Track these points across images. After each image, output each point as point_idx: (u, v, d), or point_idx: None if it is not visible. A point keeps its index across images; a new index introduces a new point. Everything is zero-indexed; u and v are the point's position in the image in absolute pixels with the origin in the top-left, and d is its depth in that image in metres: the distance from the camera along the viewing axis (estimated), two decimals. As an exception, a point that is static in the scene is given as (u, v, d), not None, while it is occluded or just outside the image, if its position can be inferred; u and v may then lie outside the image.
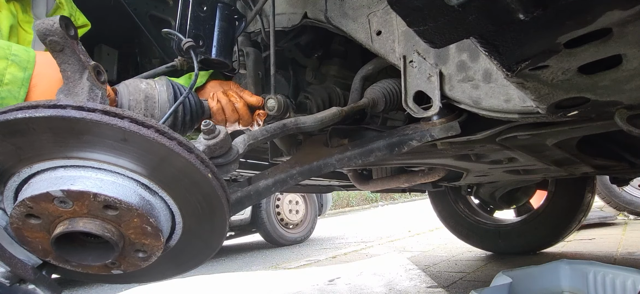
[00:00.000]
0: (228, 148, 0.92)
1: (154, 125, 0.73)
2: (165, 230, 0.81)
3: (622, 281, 1.52)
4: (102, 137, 0.71)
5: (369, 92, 1.24)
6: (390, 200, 15.58)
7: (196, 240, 0.91)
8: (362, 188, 2.07)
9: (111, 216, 0.74)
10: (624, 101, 0.76)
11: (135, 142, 0.72)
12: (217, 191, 0.80)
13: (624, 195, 4.30)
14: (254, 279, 3.11)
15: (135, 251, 0.80)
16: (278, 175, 1.17)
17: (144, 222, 0.76)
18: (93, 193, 0.71)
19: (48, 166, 0.74)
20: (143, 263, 0.82)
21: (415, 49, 1.07)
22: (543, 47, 0.55)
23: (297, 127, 1.08)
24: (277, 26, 1.24)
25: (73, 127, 0.69)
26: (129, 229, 0.76)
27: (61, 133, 0.70)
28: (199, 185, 0.79)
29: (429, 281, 2.56)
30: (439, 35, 0.52)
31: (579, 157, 1.56)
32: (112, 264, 0.82)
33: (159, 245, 0.79)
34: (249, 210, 5.22)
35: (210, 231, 0.89)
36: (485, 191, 2.95)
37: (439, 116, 1.09)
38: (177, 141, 0.74)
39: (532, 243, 3.12)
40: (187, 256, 0.95)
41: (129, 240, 0.78)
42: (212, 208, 0.83)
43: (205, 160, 0.78)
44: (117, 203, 0.73)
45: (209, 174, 0.78)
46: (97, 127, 0.69)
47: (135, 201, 0.75)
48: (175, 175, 0.78)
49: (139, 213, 0.75)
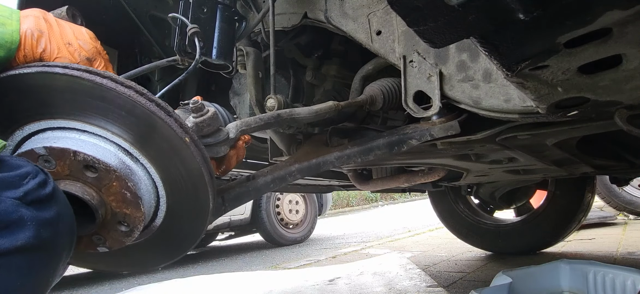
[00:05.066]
0: (217, 127, 0.92)
1: (133, 86, 0.76)
2: (146, 200, 0.81)
3: (622, 281, 1.52)
4: (85, 95, 0.74)
5: (367, 89, 1.24)
6: (390, 200, 15.58)
7: (182, 220, 0.89)
8: (362, 188, 2.07)
9: (92, 179, 0.77)
10: (624, 101, 0.76)
11: (114, 102, 0.75)
12: (196, 157, 0.79)
13: (624, 195, 4.30)
14: (254, 279, 3.11)
15: (118, 223, 0.80)
16: (277, 172, 1.17)
17: (123, 187, 0.77)
18: (73, 150, 0.74)
19: (36, 128, 0.78)
20: (126, 238, 0.82)
21: (415, 48, 1.07)
22: (543, 47, 0.55)
23: (291, 117, 1.08)
24: (277, 26, 1.24)
25: (57, 85, 0.73)
26: (109, 195, 0.78)
27: (48, 92, 0.75)
28: (179, 153, 0.79)
29: (429, 281, 2.56)
30: (439, 35, 0.52)
31: (579, 157, 1.56)
32: (98, 240, 0.83)
33: (140, 216, 0.79)
34: (249, 209, 5.22)
35: (193, 208, 0.87)
36: (485, 191, 2.95)
37: (438, 116, 1.09)
38: (155, 102, 0.76)
39: (532, 243, 3.12)
40: (172, 240, 0.93)
41: (111, 210, 0.79)
42: (195, 182, 0.82)
43: (183, 124, 0.79)
44: (96, 162, 0.75)
45: (186, 138, 0.78)
46: (79, 84, 0.73)
47: (113, 163, 0.77)
48: (154, 140, 0.79)
49: (117, 175, 0.76)
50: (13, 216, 0.62)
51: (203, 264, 4.62)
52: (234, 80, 1.63)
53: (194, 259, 5.17)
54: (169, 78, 1.60)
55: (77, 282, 4.08)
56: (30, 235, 0.63)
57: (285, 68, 1.50)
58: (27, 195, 0.65)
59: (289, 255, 4.65)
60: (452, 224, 3.43)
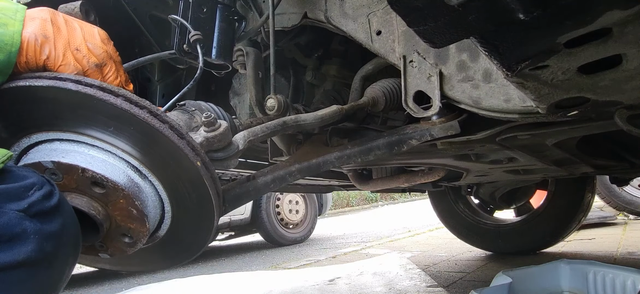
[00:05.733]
0: (228, 142, 0.91)
1: (148, 106, 0.74)
2: (152, 216, 0.80)
3: (622, 281, 1.52)
4: (97, 112, 0.72)
5: (369, 90, 1.24)
6: (390, 200, 15.58)
7: (185, 233, 0.89)
8: (362, 188, 2.07)
9: (98, 195, 0.75)
10: (624, 101, 0.76)
11: (127, 121, 0.73)
12: (206, 181, 0.78)
13: (624, 195, 4.30)
14: (254, 279, 3.11)
15: (122, 235, 0.80)
16: (277, 172, 1.17)
17: (130, 204, 0.76)
18: (82, 167, 0.73)
19: (45, 138, 0.76)
20: (129, 248, 0.82)
21: (415, 48, 1.07)
22: (543, 47, 0.55)
23: (297, 124, 1.08)
24: (277, 26, 1.24)
25: (70, 100, 0.71)
26: (115, 210, 0.77)
27: (59, 105, 0.73)
28: (188, 173, 0.78)
29: (429, 281, 2.56)
30: (439, 35, 0.52)
31: (579, 157, 1.56)
32: (100, 247, 0.82)
33: (144, 231, 0.78)
34: (249, 210, 5.22)
35: (198, 224, 0.87)
36: (485, 191, 2.95)
37: (438, 116, 1.09)
38: (169, 124, 0.74)
39: (532, 243, 3.12)
40: (175, 249, 0.93)
41: (116, 223, 0.78)
42: (201, 200, 0.82)
43: (195, 147, 0.78)
44: (104, 180, 0.74)
45: (198, 162, 0.77)
46: (92, 102, 0.71)
47: (122, 181, 0.75)
48: (165, 160, 0.77)
49: (125, 194, 0.75)
50: (16, 230, 0.62)
51: (203, 264, 4.62)
52: (234, 80, 1.63)
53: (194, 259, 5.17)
54: (169, 77, 1.60)
55: (77, 282, 4.08)
56: (32, 249, 0.62)
57: (285, 68, 1.50)
58: (31, 207, 0.64)
59: (289, 255, 4.65)
60: (452, 224, 3.43)
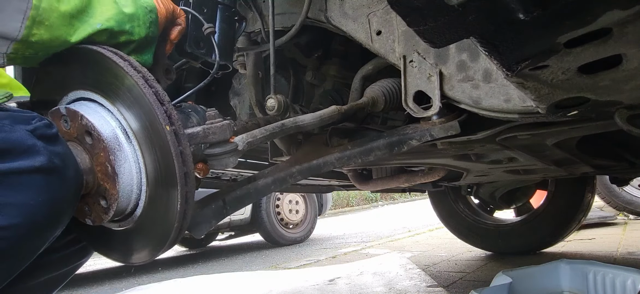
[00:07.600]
0: (226, 138, 0.91)
1: (142, 70, 0.82)
2: (124, 181, 0.82)
3: (622, 281, 1.52)
4: (122, 84, 0.82)
5: (368, 90, 1.24)
6: (390, 200, 15.58)
7: (157, 217, 0.85)
8: (362, 188, 2.07)
9: (88, 146, 0.82)
10: (624, 101, 0.76)
11: (122, 79, 0.82)
12: (172, 149, 0.77)
13: (624, 195, 4.30)
14: (254, 279, 3.11)
15: (100, 196, 0.84)
16: (277, 174, 1.17)
17: (106, 158, 0.81)
18: (81, 114, 0.82)
19: (80, 95, 0.88)
20: (104, 215, 0.84)
21: (415, 48, 1.07)
22: (543, 47, 0.55)
23: (296, 125, 1.08)
24: (277, 26, 1.24)
25: (109, 68, 0.83)
26: (97, 164, 0.82)
27: (100, 71, 0.85)
28: (160, 141, 0.79)
29: (429, 281, 2.56)
30: (439, 35, 0.52)
31: (579, 157, 1.56)
32: (87, 210, 0.86)
33: (115, 194, 0.81)
34: (249, 210, 5.22)
35: (164, 213, 0.83)
36: (485, 191, 2.95)
37: (438, 116, 1.08)
38: (154, 90, 0.80)
39: (532, 243, 3.12)
40: (150, 236, 0.89)
41: (97, 181, 0.83)
42: (168, 176, 0.80)
43: (172, 116, 0.80)
44: (92, 129, 0.81)
45: (168, 126, 0.78)
46: (119, 70, 0.82)
47: (106, 133, 0.81)
48: (143, 123, 0.82)
49: (104, 146, 0.81)
50: (29, 143, 0.70)
51: (203, 264, 4.62)
52: (234, 80, 1.63)
53: (194, 259, 5.18)
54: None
55: (77, 282, 4.08)
56: (44, 160, 0.70)
57: (285, 68, 1.50)
58: (36, 130, 0.72)
59: (289, 255, 4.65)
60: (452, 224, 3.43)
